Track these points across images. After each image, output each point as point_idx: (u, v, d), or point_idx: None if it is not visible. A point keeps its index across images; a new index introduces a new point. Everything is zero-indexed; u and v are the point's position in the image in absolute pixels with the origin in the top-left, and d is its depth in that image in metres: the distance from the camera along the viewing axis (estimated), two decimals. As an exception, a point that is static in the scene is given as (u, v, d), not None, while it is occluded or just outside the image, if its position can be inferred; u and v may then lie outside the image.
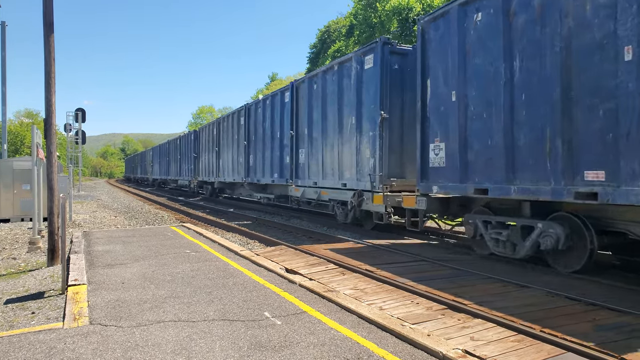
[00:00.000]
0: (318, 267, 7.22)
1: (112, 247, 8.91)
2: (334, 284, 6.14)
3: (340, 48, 37.67)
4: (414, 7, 28.44)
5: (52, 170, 7.62)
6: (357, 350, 3.83)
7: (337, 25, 44.40)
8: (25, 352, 3.84)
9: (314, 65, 43.12)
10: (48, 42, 7.53)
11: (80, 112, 29.76)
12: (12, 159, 16.61)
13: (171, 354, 3.77)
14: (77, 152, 29.00)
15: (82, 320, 4.60)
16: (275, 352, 3.79)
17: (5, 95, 20.89)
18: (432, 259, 7.57)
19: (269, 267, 6.95)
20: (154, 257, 7.91)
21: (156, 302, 5.22)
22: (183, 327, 4.38)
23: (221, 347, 3.91)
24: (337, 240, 10.11)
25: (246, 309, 4.95)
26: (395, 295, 5.57)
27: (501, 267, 7.06)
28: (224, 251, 8.45)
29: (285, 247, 9.04)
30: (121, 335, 4.20)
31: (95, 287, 5.87)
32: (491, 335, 4.21)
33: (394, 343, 4.00)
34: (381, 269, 6.81)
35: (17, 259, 8.45)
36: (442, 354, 3.69)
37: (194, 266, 7.12)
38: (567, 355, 3.75)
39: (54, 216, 7.49)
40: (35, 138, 9.45)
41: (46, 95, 7.55)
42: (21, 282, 6.51)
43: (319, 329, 4.34)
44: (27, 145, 43.30)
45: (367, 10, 33.73)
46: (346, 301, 5.12)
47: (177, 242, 9.58)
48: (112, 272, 6.72)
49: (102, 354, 3.78)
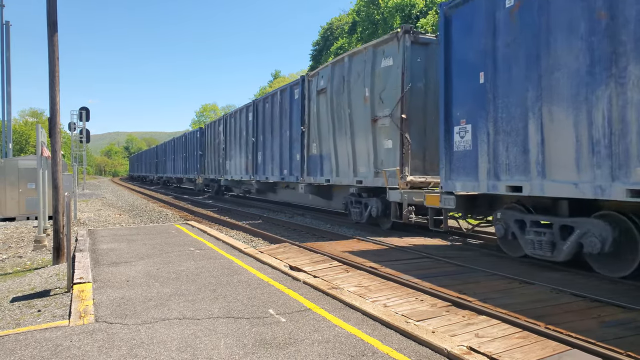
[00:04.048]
0: (322, 264, 7.22)
1: (116, 245, 8.95)
2: (338, 281, 6.15)
3: (343, 45, 37.57)
4: (417, 4, 28.34)
5: (57, 169, 7.65)
6: (362, 347, 3.83)
7: (339, 23, 44.29)
8: (31, 350, 3.87)
9: (316, 63, 43.03)
10: (52, 41, 7.55)
11: (85, 111, 29.79)
12: (17, 158, 16.69)
13: (176, 351, 3.78)
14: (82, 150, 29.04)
15: (88, 318, 4.62)
16: (280, 350, 3.80)
17: (10, 95, 21.00)
18: (435, 256, 7.55)
19: (273, 264, 6.96)
20: (158, 255, 7.94)
21: (161, 299, 5.24)
22: (188, 325, 4.40)
23: (226, 344, 3.92)
24: (341, 237, 10.11)
25: (251, 306, 4.96)
26: (399, 292, 5.57)
27: (505, 263, 7.04)
28: (228, 249, 8.47)
29: (290, 245, 9.05)
30: (126, 332, 4.22)
31: (101, 285, 5.89)
32: (496, 331, 4.21)
33: (398, 340, 4.00)
34: (385, 266, 6.81)
35: (23, 257, 8.50)
36: (446, 351, 3.69)
37: (199, 264, 7.14)
38: (573, 352, 3.74)
39: (59, 214, 7.53)
40: (40, 137, 9.49)
41: (50, 94, 7.57)
42: (27, 281, 6.55)
43: (323, 326, 4.35)
44: (32, 144, 43.49)
45: (369, 7, 33.63)
46: (350, 298, 5.12)
47: (181, 239, 9.61)
48: (117, 270, 6.74)
49: (108, 351, 3.80)
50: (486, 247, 8.50)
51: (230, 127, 22.00)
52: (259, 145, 18.43)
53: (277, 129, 16.59)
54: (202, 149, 27.30)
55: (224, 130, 22.75)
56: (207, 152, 26.15)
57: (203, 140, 27.21)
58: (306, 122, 13.99)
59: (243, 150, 20.24)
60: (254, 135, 18.88)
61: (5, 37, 20.68)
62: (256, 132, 18.74)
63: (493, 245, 8.54)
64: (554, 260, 6.55)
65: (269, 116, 17.40)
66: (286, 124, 15.78)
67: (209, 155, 25.85)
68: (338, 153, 12.25)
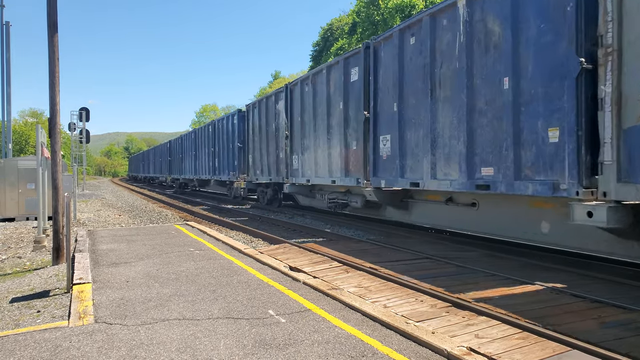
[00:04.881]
0: (322, 264, 7.22)
1: (116, 246, 8.94)
2: (338, 281, 6.14)
3: (343, 46, 37.61)
4: (417, 4, 28.37)
5: (57, 170, 7.65)
6: (362, 348, 3.83)
7: (339, 23, 44.36)
8: (31, 351, 3.86)
9: (317, 63, 43.07)
10: (52, 42, 7.55)
11: (85, 112, 29.82)
12: (17, 158, 16.69)
13: (176, 352, 3.78)
14: (82, 151, 29.04)
15: (87, 318, 4.62)
16: (280, 350, 3.80)
17: (10, 95, 21.01)
18: (435, 256, 7.55)
19: (273, 265, 6.95)
20: (158, 255, 7.93)
21: (161, 300, 5.24)
22: (188, 326, 4.39)
23: (225, 345, 3.92)
24: (341, 238, 10.10)
25: (250, 307, 4.96)
26: (399, 293, 5.56)
27: (505, 264, 7.03)
28: (228, 249, 8.46)
29: (289, 245, 9.05)
30: (126, 333, 4.21)
31: (100, 286, 5.89)
32: (496, 332, 4.20)
33: (398, 341, 4.00)
34: (385, 267, 6.81)
35: (22, 258, 8.50)
36: (446, 352, 3.68)
37: (198, 264, 7.14)
38: (573, 353, 3.73)
39: (58, 215, 7.52)
40: (40, 137, 9.49)
41: (50, 94, 7.57)
42: (26, 281, 6.54)
43: (323, 326, 4.34)
44: (32, 144, 43.51)
45: (369, 7, 33.67)
46: (350, 299, 5.12)
47: (181, 240, 9.60)
48: (116, 271, 6.74)
49: (108, 352, 3.80)
50: (486, 248, 8.49)
51: (305, 100, 13.32)
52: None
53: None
54: (242, 139, 19.59)
55: (287, 108, 14.50)
56: (253, 144, 18.01)
57: (244, 127, 19.33)
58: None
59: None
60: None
61: (5, 38, 20.69)
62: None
63: (477, 243, 8.55)
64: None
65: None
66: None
67: (257, 148, 17.55)
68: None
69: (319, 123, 12.39)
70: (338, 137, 11.39)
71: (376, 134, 9.77)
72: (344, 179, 11.12)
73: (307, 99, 13.14)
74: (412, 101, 8.66)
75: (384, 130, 9.54)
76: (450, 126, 7.69)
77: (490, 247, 8.44)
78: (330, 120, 11.81)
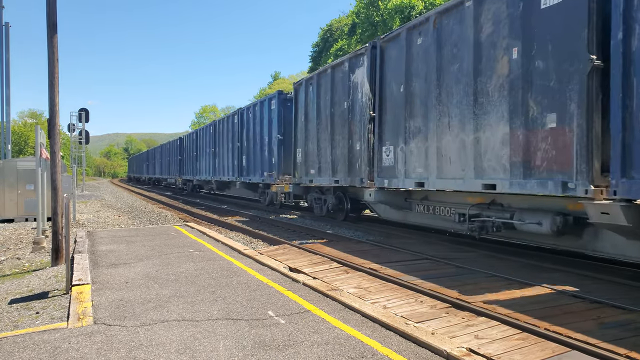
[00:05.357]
0: (322, 265, 7.21)
1: (115, 247, 8.93)
2: (337, 282, 6.14)
3: (342, 46, 37.63)
4: (416, 6, 28.38)
5: (56, 170, 7.64)
6: (361, 349, 3.82)
7: (339, 24, 44.38)
8: (29, 352, 3.85)
9: (316, 64, 43.09)
10: (51, 42, 7.55)
11: (84, 112, 29.81)
12: (16, 159, 16.67)
13: (175, 353, 3.77)
14: (81, 152, 29.04)
15: (86, 320, 4.61)
16: (279, 351, 3.79)
17: (9, 96, 21.00)
18: (435, 257, 7.55)
19: (272, 266, 6.95)
20: (157, 256, 7.92)
21: (160, 301, 5.23)
22: (187, 327, 4.39)
23: (225, 346, 3.91)
24: (341, 239, 10.10)
25: (250, 308, 4.95)
26: (399, 294, 5.56)
27: (504, 265, 7.03)
28: (227, 250, 8.46)
29: (289, 246, 9.04)
30: (125, 334, 4.21)
31: (99, 287, 5.88)
32: (495, 333, 4.20)
33: (398, 342, 4.00)
34: (385, 268, 6.80)
35: (21, 259, 8.48)
36: (446, 353, 3.68)
37: (198, 265, 7.13)
38: (572, 353, 3.73)
39: (57, 216, 7.51)
40: (39, 138, 9.48)
41: (50, 95, 7.56)
42: (25, 282, 6.53)
43: (322, 327, 4.34)
44: (31, 145, 43.48)
45: (369, 8, 33.67)
46: (350, 300, 5.12)
47: (180, 241, 9.60)
48: (116, 272, 6.73)
49: (107, 353, 3.79)
50: (485, 249, 8.48)
51: (415, 56, 8.73)
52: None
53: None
54: (282, 130, 16.11)
55: (374, 76, 10.20)
56: (305, 134, 13.62)
57: (287, 113, 15.77)
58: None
59: (506, 105, 7.61)
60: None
61: (4, 38, 20.68)
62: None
63: (476, 243, 8.55)
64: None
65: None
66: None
67: (313, 139, 13.15)
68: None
69: (451, 90, 7.73)
70: (505, 107, 6.68)
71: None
72: (532, 183, 6.31)
73: (418, 54, 8.59)
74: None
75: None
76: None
77: (490, 248, 8.44)
78: (485, 80, 7.02)
